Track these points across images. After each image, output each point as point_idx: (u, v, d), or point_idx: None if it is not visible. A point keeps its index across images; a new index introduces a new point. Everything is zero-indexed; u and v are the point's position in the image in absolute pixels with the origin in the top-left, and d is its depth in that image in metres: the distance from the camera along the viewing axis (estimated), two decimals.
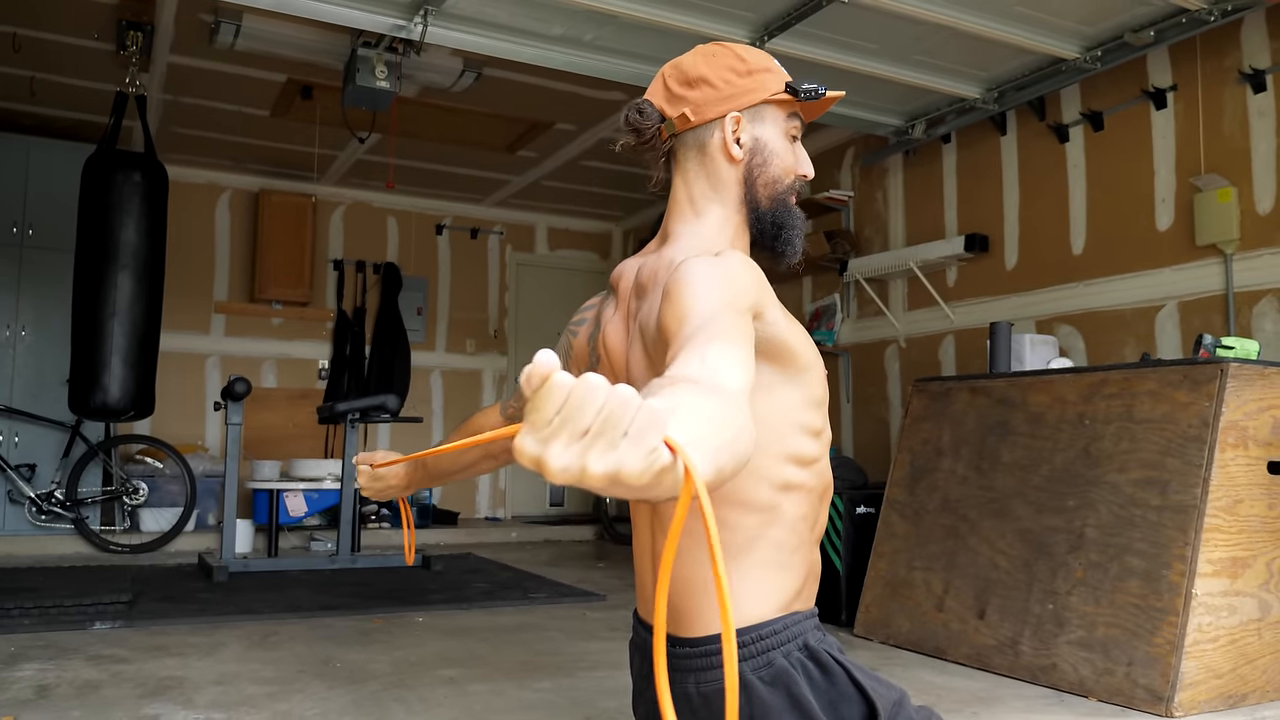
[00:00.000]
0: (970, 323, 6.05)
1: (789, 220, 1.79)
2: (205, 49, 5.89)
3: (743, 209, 1.78)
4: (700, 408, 1.00)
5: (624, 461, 0.79)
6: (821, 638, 1.66)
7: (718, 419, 1.01)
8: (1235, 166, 4.72)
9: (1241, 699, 3.29)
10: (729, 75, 1.76)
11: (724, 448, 0.98)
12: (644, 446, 0.79)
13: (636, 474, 0.79)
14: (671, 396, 1.02)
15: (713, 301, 1.44)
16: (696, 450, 0.86)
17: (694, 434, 0.90)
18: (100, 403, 5.91)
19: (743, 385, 1.23)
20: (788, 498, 1.65)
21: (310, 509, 7.52)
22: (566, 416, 0.79)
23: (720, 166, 1.77)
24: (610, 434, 0.78)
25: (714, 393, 1.10)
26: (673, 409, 0.94)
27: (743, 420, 1.08)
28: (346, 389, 8.80)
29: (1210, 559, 3.28)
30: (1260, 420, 3.45)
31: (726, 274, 1.52)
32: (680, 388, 1.07)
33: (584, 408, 0.78)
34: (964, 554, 4.10)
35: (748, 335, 1.41)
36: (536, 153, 8.02)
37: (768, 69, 1.79)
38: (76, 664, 3.73)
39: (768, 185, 1.77)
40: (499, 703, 3.31)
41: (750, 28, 4.97)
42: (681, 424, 0.91)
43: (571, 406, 0.78)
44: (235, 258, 8.76)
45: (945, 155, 6.36)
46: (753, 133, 1.77)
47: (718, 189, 1.77)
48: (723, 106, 1.75)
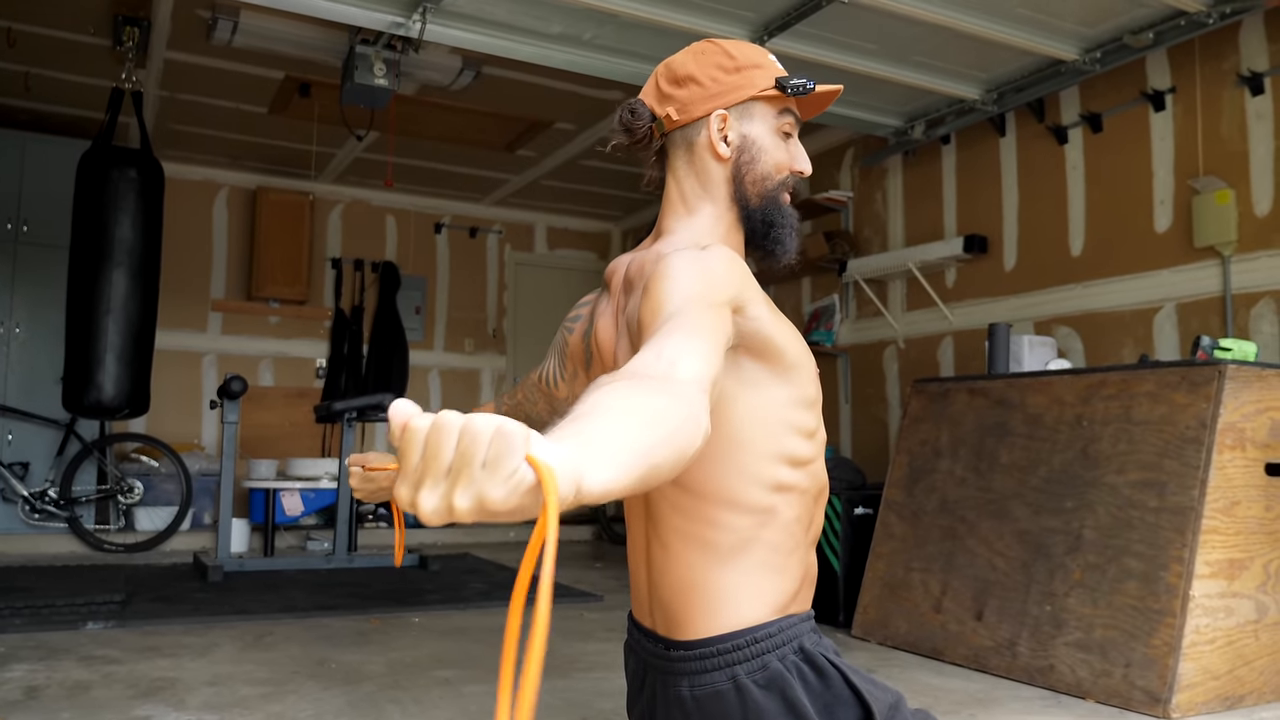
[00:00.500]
0: (969, 324, 6.04)
1: (778, 218, 1.77)
2: (202, 45, 5.88)
3: (733, 207, 1.77)
4: (623, 407, 1.02)
5: (484, 491, 0.80)
6: (818, 640, 1.65)
7: (644, 416, 1.02)
8: (1233, 169, 4.71)
9: (1239, 700, 3.28)
10: (716, 73, 1.75)
11: (649, 447, 0.99)
12: (502, 473, 0.80)
13: (499, 500, 0.80)
14: (596, 400, 1.03)
15: (686, 294, 1.44)
16: (579, 459, 0.87)
17: (593, 438, 0.93)
18: (95, 400, 5.89)
19: (698, 376, 1.24)
20: (781, 499, 1.63)
21: (307, 508, 7.51)
22: (428, 460, 0.81)
23: (708, 164, 1.76)
24: (469, 468, 0.80)
25: (657, 387, 1.12)
26: (581, 413, 0.98)
27: (685, 413, 1.09)
28: (344, 388, 8.78)
29: (1208, 561, 3.28)
30: (1258, 422, 3.44)
31: (705, 268, 1.52)
32: (614, 386, 1.08)
33: (441, 448, 0.80)
34: (962, 555, 4.09)
35: (716, 328, 1.41)
36: (535, 152, 8.01)
37: (757, 65, 1.76)
38: (67, 664, 3.71)
39: (756, 183, 1.75)
40: (494, 703, 3.29)
41: (750, 27, 4.96)
42: (579, 429, 0.94)
43: (430, 450, 0.81)
44: (232, 255, 8.74)
45: (944, 156, 6.35)
46: (740, 130, 1.75)
47: (707, 187, 1.77)
48: (709, 104, 1.74)
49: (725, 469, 1.60)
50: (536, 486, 0.82)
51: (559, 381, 1.97)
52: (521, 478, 0.81)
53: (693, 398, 1.14)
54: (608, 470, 0.91)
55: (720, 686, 1.59)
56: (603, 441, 0.94)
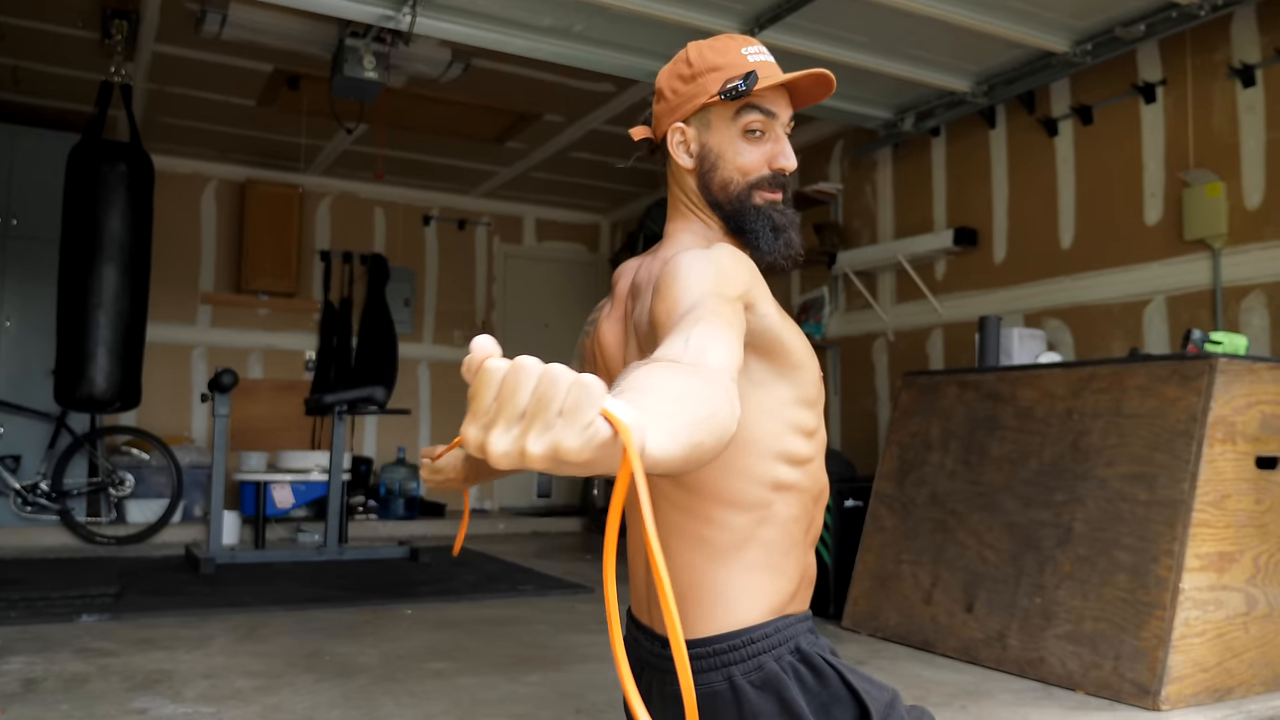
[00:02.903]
0: (958, 316, 6.06)
1: (748, 222, 1.74)
2: (191, 38, 5.86)
3: (714, 212, 1.78)
4: (668, 385, 1.02)
5: (560, 439, 0.80)
6: (814, 640, 1.66)
7: (688, 395, 1.02)
8: (1224, 161, 4.73)
9: (1228, 692, 3.30)
10: (676, 84, 1.76)
11: (695, 424, 0.99)
12: (579, 423, 0.80)
13: (575, 450, 0.80)
14: (639, 377, 1.03)
15: (701, 290, 1.45)
16: (644, 422, 0.87)
17: (648, 408, 0.92)
18: (86, 394, 5.89)
19: (727, 364, 1.24)
20: (780, 498, 1.64)
21: (297, 500, 7.50)
22: (503, 401, 0.80)
23: (682, 176, 1.79)
24: (545, 414, 0.79)
25: (692, 370, 1.11)
26: (628, 387, 0.97)
27: (722, 397, 1.08)
28: (333, 380, 8.77)
29: (1198, 553, 3.29)
30: (1248, 415, 3.46)
31: (715, 264, 1.52)
32: (654, 366, 1.08)
33: (518, 391, 0.80)
34: (952, 547, 4.11)
35: (735, 320, 1.41)
36: (525, 144, 8.00)
37: (714, 68, 1.72)
38: (64, 657, 3.72)
39: (722, 189, 1.75)
40: (488, 696, 3.31)
41: (740, 20, 4.96)
42: (632, 399, 0.93)
43: (507, 391, 0.80)
44: (221, 248, 8.71)
45: (934, 148, 6.36)
46: (700, 139, 1.75)
47: (689, 196, 1.79)
48: (670, 119, 1.77)
49: (726, 467, 1.60)
50: (611, 440, 0.82)
51: None
52: (597, 429, 0.81)
53: (726, 384, 1.14)
54: (664, 438, 0.91)
55: (716, 687, 1.59)
56: (656, 412, 0.94)
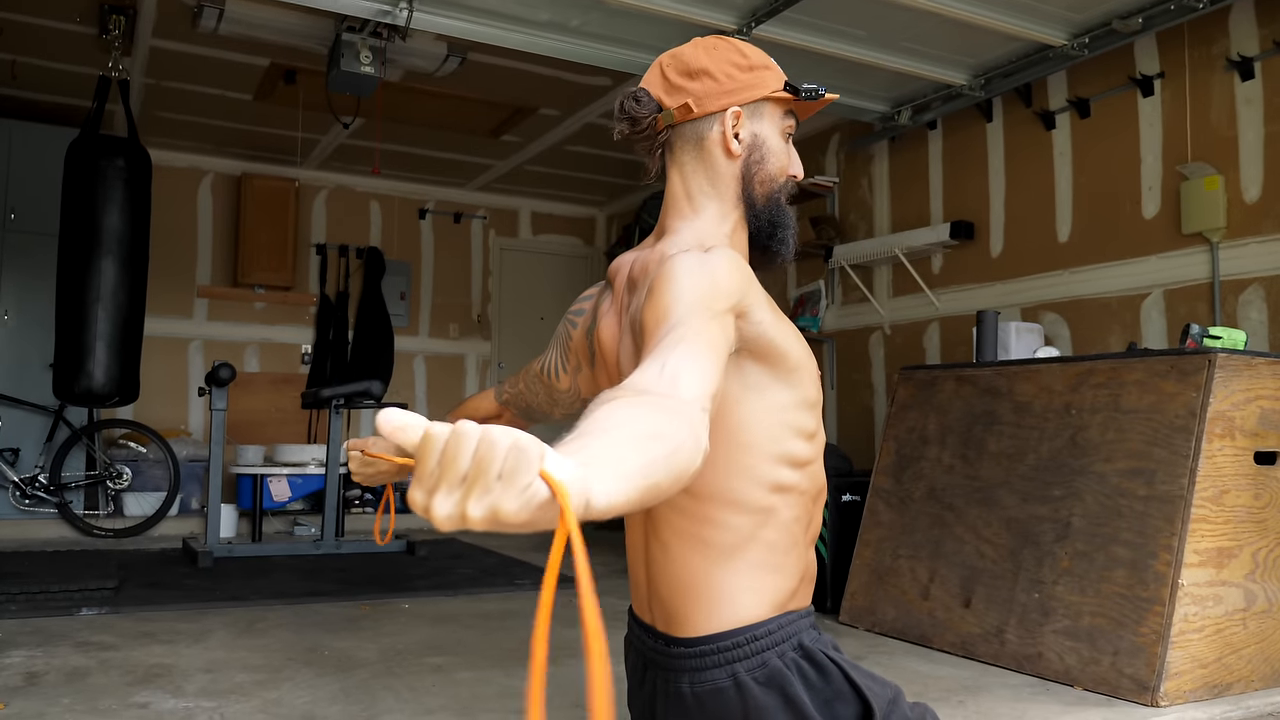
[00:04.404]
0: (955, 310, 6.06)
1: (783, 219, 1.78)
2: (188, 33, 5.84)
3: (740, 205, 1.76)
4: (629, 424, 1.04)
5: (499, 502, 0.81)
6: (817, 637, 1.66)
7: (648, 434, 1.04)
8: (1222, 154, 4.73)
9: (1226, 688, 3.31)
10: (731, 69, 1.74)
11: (651, 464, 1.01)
12: (517, 486, 0.81)
13: (513, 513, 0.81)
14: (601, 417, 1.05)
15: (690, 302, 1.44)
16: (587, 476, 0.88)
17: (599, 455, 0.94)
18: (84, 388, 5.88)
19: (699, 393, 1.25)
20: (781, 499, 1.65)
21: (294, 494, 7.51)
22: (444, 466, 0.82)
23: (718, 161, 1.75)
24: (484, 478, 0.81)
25: (658, 405, 1.13)
26: (587, 430, 1.00)
27: (685, 432, 1.11)
28: (330, 374, 8.76)
29: (1196, 549, 3.30)
30: (1247, 411, 3.46)
31: (709, 272, 1.51)
32: (619, 403, 1.10)
33: (458, 457, 0.81)
34: (950, 542, 4.11)
35: (718, 340, 1.41)
36: (520, 137, 7.98)
37: (768, 66, 1.77)
38: (65, 650, 3.73)
39: (764, 183, 1.76)
40: (487, 690, 3.31)
41: (737, 13, 4.95)
42: (585, 444, 0.95)
43: (448, 457, 0.81)
44: (217, 242, 8.70)
45: (931, 142, 6.35)
46: (751, 129, 1.75)
47: (715, 184, 1.76)
48: (724, 100, 1.73)
49: (726, 470, 1.61)
50: (549, 501, 0.83)
51: (560, 373, 1.98)
52: (535, 491, 0.82)
53: (694, 417, 1.16)
54: (612, 488, 0.93)
55: (720, 684, 1.60)
56: (607, 459, 0.95)
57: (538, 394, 2.06)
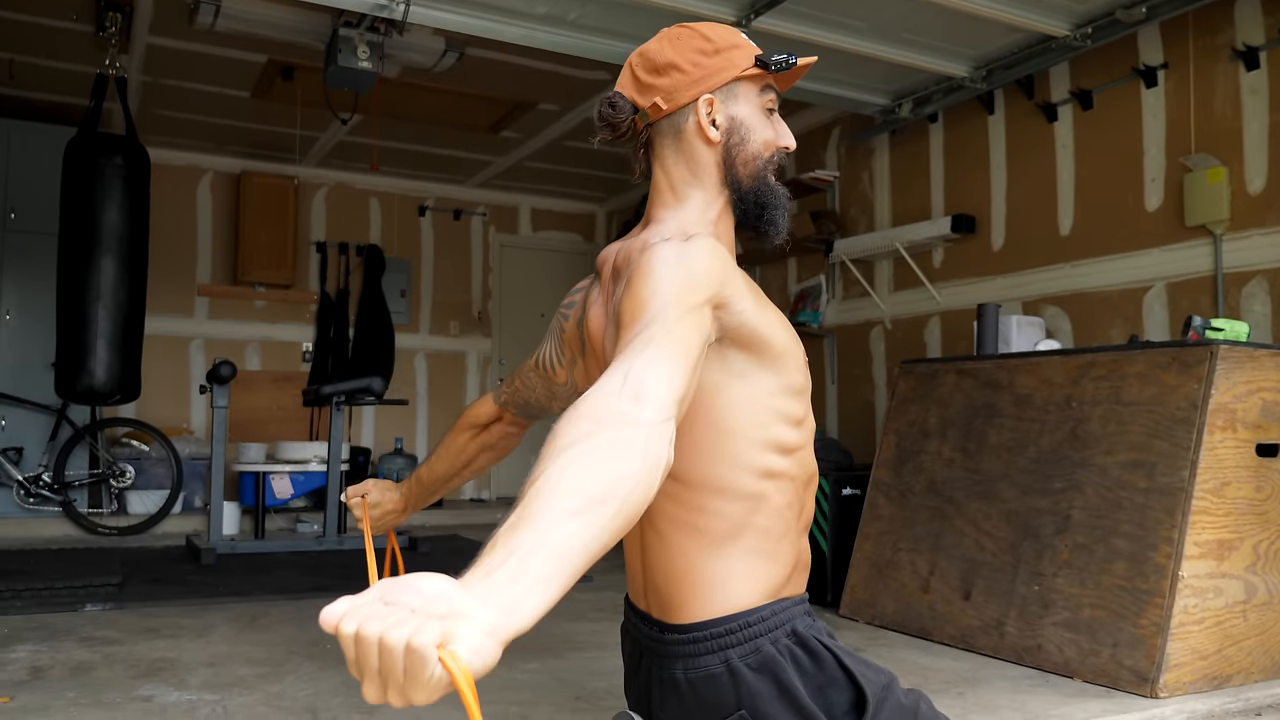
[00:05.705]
0: (956, 304, 6.04)
1: (770, 199, 1.77)
2: (185, 30, 5.83)
3: (724, 191, 1.76)
4: (573, 496, 1.08)
5: (410, 698, 0.89)
6: (811, 623, 1.67)
7: (595, 501, 1.09)
8: (1226, 146, 4.70)
9: (1226, 680, 3.30)
10: (696, 57, 1.74)
11: (598, 533, 1.07)
12: (420, 681, 0.87)
13: (425, 701, 0.89)
14: (547, 478, 1.09)
15: (665, 296, 1.45)
16: (505, 618, 0.94)
17: (529, 570, 1.00)
18: (86, 386, 5.89)
19: (663, 402, 1.27)
20: (772, 485, 1.65)
21: (296, 491, 7.52)
22: (361, 665, 0.90)
23: (698, 150, 1.75)
24: (393, 680, 0.88)
25: (610, 448, 1.16)
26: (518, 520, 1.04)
27: (637, 463, 1.15)
28: (330, 371, 8.77)
29: (1197, 541, 3.29)
30: (1249, 403, 3.45)
31: (687, 264, 1.51)
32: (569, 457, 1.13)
33: (366, 663, 0.89)
34: (950, 535, 4.10)
35: (691, 336, 1.42)
36: (519, 133, 7.97)
37: (735, 45, 1.76)
38: (69, 645, 3.76)
39: (747, 163, 1.75)
40: (488, 683, 3.30)
41: (736, 6, 4.93)
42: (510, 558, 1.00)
43: (360, 660, 0.89)
44: (217, 240, 8.70)
45: (932, 135, 6.33)
46: (727, 112, 1.74)
47: (697, 173, 1.75)
48: (694, 90, 1.73)
49: (715, 457, 1.61)
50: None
51: (556, 366, 1.98)
52: (439, 680, 0.87)
53: (651, 437, 1.20)
54: (539, 599, 0.99)
55: (714, 669, 1.61)
56: (541, 557, 1.01)
57: (535, 389, 2.06)
